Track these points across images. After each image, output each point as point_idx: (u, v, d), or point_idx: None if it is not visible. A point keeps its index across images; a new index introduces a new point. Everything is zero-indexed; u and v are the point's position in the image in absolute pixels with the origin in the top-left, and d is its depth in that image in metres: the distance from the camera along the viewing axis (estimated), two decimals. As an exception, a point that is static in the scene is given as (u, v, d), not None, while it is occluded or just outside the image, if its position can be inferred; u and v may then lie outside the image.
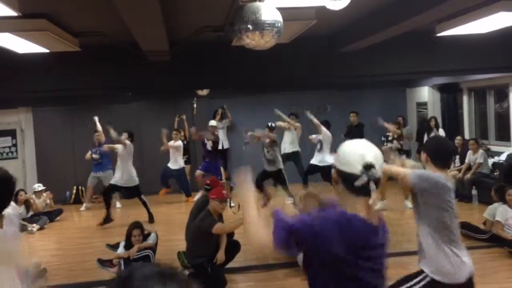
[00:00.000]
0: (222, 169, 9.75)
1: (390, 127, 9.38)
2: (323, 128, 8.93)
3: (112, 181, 8.81)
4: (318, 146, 9.01)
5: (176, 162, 10.09)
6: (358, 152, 1.92)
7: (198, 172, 9.74)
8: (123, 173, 8.63)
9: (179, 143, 10.15)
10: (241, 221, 5.46)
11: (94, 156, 10.06)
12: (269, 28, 3.31)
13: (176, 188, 10.53)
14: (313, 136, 9.20)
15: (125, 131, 8.82)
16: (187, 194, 10.28)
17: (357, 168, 1.89)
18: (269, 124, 9.18)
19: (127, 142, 8.66)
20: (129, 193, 9.02)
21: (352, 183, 1.90)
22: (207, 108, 11.70)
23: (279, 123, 9.58)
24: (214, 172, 9.00)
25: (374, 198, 1.88)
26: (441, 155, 3.18)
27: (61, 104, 11.11)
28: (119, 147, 8.76)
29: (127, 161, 8.69)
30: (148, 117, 11.72)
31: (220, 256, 5.50)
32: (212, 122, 10.14)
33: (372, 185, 1.87)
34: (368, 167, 1.87)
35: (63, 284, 5.80)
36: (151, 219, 8.56)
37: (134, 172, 8.77)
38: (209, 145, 9.64)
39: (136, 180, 8.74)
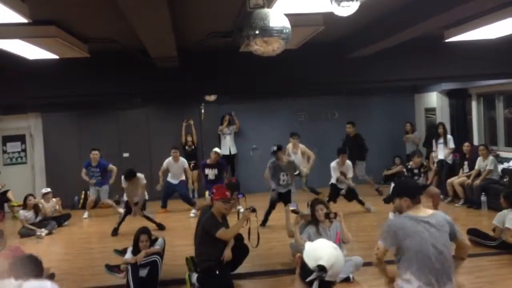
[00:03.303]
0: (229, 174, 9.64)
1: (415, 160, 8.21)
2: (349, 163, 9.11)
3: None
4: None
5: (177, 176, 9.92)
6: (321, 253, 2.05)
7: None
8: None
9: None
10: (242, 222, 5.48)
11: (91, 181, 10.05)
12: (277, 35, 3.30)
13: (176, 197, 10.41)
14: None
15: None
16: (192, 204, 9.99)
17: (312, 265, 2.02)
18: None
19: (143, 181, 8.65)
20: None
21: (304, 273, 2.03)
22: (215, 114, 11.74)
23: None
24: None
25: None
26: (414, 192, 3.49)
27: (70, 109, 11.19)
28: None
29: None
30: (156, 122, 11.77)
31: (227, 253, 5.48)
32: (216, 150, 9.64)
33: (316, 285, 1.99)
34: (320, 268, 2.00)
35: (71, 289, 5.82)
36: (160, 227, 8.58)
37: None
38: (212, 174, 9.31)
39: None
